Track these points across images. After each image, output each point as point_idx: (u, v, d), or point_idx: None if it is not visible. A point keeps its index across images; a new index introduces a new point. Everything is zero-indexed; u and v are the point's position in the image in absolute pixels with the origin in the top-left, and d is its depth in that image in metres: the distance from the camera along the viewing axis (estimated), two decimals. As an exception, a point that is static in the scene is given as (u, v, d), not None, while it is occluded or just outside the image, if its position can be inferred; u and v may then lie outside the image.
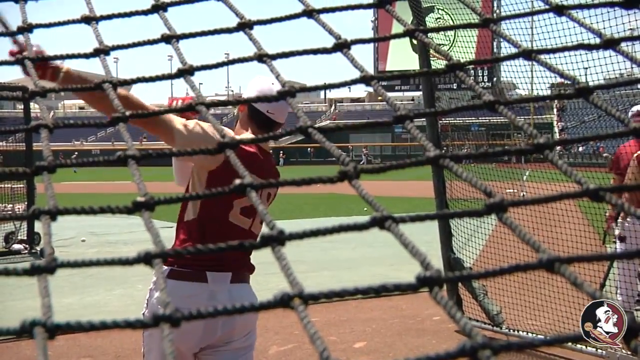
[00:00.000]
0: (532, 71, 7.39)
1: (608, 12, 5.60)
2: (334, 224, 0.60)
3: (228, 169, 3.10)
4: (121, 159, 0.65)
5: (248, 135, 3.34)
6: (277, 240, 0.55)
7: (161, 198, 0.60)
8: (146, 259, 0.55)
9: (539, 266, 0.49)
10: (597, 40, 0.73)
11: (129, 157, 0.65)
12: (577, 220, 6.64)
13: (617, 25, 5.75)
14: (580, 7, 0.77)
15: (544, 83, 8.54)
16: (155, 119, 2.90)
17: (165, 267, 3.07)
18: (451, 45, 8.50)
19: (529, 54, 0.70)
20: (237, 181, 0.61)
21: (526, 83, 7.54)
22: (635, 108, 6.92)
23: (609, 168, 7.46)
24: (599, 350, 5.50)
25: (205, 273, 3.09)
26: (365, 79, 0.71)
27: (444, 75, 0.85)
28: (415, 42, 0.91)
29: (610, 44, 0.71)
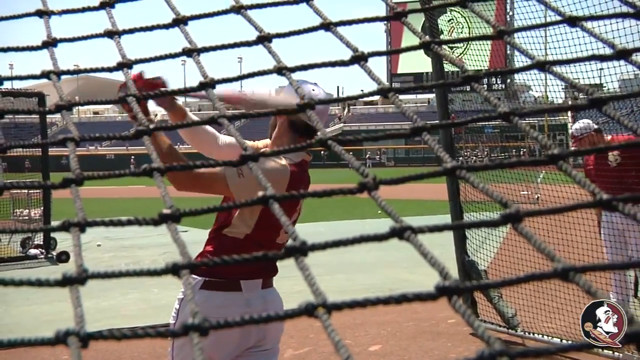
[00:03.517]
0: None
1: (623, 21, 5.56)
2: (354, 234, 0.62)
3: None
4: (147, 171, 0.67)
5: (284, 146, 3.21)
6: (300, 251, 0.57)
7: (186, 210, 0.62)
8: (174, 270, 0.57)
9: (554, 275, 0.50)
10: (610, 51, 0.75)
11: (154, 169, 0.67)
12: (593, 222, 6.62)
13: (632, 33, 5.70)
14: (593, 18, 0.78)
15: (558, 85, 8.51)
16: (195, 173, 2.95)
17: (198, 278, 3.08)
18: (465, 49, 8.49)
19: (542, 65, 0.72)
20: (260, 193, 0.63)
21: (539, 85, 7.51)
22: (575, 126, 6.80)
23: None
24: (616, 353, 5.48)
25: (239, 282, 3.11)
26: (382, 91, 0.73)
27: (456, 78, 0.86)
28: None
29: (623, 54, 0.72)
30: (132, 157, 66.75)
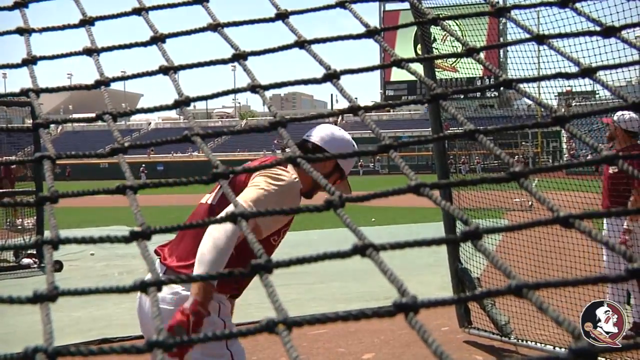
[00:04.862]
0: (538, 80, 7.43)
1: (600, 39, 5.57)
2: (346, 242, 0.64)
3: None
4: (120, 189, 0.69)
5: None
6: (265, 268, 0.59)
7: (157, 228, 0.64)
8: (142, 287, 0.59)
9: (508, 292, 0.52)
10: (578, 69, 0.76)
11: (127, 187, 0.68)
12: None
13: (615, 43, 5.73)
14: (561, 35, 0.80)
15: (551, 93, 8.54)
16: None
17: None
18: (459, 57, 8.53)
19: (509, 84, 0.74)
20: (230, 208, 0.64)
21: (533, 92, 7.55)
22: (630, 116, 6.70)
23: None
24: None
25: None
26: (352, 110, 0.75)
27: (450, 87, 0.88)
28: (419, 52, 0.95)
29: (588, 72, 0.74)
30: (143, 165, 66.57)
